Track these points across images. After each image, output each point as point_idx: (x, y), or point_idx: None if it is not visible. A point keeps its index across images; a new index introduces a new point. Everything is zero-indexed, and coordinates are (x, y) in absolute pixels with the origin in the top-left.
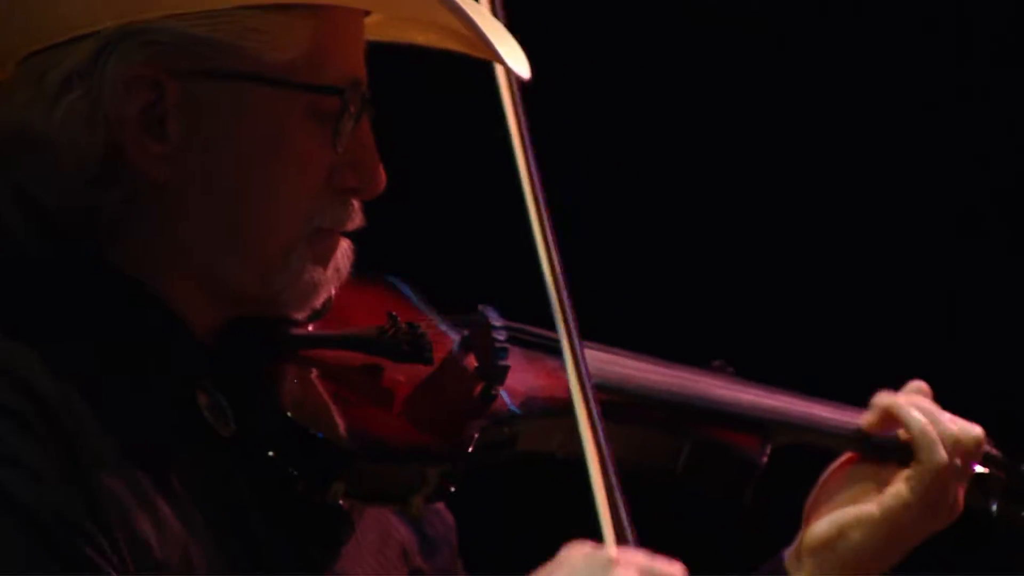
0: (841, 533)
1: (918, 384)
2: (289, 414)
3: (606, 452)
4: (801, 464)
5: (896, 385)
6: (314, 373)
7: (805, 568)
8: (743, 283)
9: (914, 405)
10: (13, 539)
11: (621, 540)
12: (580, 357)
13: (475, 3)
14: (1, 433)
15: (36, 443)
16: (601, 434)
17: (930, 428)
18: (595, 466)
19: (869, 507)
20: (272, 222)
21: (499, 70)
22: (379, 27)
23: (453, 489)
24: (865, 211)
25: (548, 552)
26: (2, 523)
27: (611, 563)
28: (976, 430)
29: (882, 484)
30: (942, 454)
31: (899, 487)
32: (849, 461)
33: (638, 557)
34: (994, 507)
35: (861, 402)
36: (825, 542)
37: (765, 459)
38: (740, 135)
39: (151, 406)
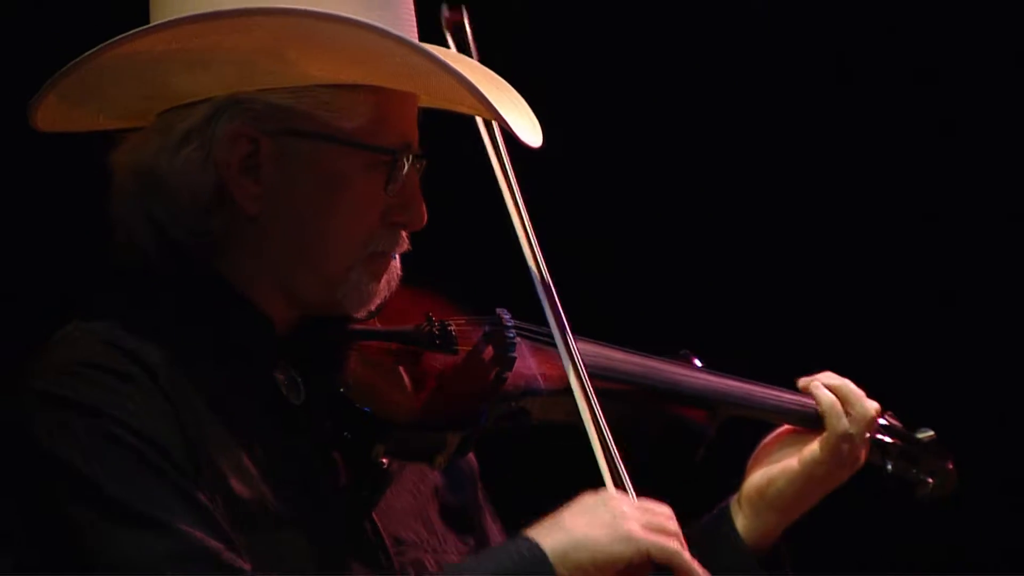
0: (770, 481)
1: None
2: (344, 390)
3: (600, 416)
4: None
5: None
6: (366, 359)
7: (743, 511)
8: (707, 289)
9: (826, 383)
10: (132, 473)
11: (619, 486)
12: (570, 339)
13: (502, 80)
14: (118, 390)
15: (145, 396)
16: (595, 402)
17: (837, 403)
18: (591, 428)
19: (791, 461)
20: (334, 247)
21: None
22: (432, 99)
23: (471, 450)
24: (793, 226)
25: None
26: (121, 464)
27: (611, 499)
28: (873, 406)
29: (804, 448)
30: (846, 423)
31: (814, 447)
32: (783, 432)
33: (633, 499)
34: (889, 466)
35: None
36: (758, 488)
37: (714, 430)
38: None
39: (240, 380)
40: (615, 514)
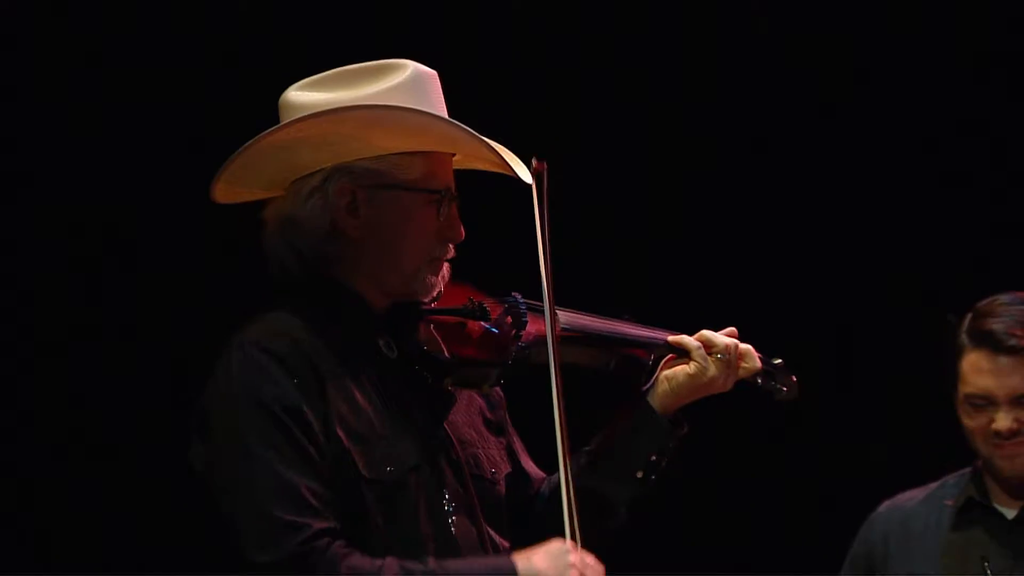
0: (674, 375)
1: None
2: (422, 346)
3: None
4: None
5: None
6: (433, 326)
7: (656, 394)
8: (640, 272)
9: (697, 336)
10: (267, 428)
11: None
12: (554, 339)
13: (499, 145)
14: (273, 368)
15: (289, 373)
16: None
17: (696, 342)
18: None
19: (685, 366)
20: (408, 256)
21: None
22: (462, 160)
23: (503, 381)
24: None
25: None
26: (263, 422)
27: (570, 551)
28: (731, 338)
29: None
30: (703, 351)
31: (691, 363)
32: (671, 358)
33: (582, 554)
34: (759, 381)
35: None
36: (667, 377)
37: (651, 362)
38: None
39: (355, 345)
40: (567, 561)
